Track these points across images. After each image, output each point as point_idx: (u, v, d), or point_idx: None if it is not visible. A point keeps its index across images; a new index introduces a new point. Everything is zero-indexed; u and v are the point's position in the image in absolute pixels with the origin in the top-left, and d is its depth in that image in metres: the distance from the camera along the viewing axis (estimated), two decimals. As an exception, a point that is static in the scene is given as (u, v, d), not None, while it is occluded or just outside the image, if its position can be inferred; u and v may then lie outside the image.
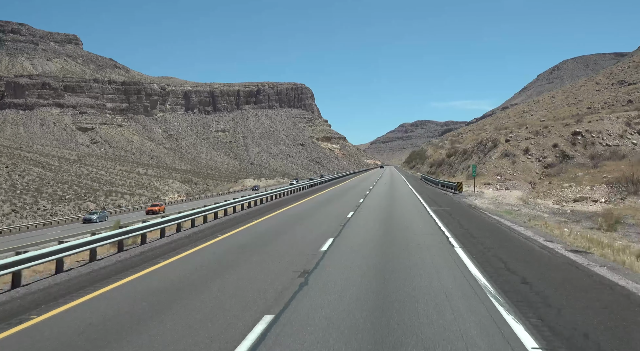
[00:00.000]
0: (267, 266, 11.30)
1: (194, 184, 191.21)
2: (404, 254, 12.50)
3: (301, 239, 15.71)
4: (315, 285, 9.32)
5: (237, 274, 10.68)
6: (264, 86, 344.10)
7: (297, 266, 11.16)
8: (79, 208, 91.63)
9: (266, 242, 15.41)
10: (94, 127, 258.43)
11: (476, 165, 45.14)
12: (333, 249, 13.50)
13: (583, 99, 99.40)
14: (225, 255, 13.19)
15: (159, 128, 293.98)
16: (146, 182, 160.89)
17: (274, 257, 12.50)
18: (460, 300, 8.10)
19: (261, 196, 34.40)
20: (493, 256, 12.15)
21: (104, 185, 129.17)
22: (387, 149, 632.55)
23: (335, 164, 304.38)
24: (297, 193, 45.75)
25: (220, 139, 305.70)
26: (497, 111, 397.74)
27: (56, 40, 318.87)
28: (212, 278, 10.31)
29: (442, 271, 10.43)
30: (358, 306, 7.82)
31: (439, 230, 17.46)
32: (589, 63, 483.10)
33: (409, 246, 13.85)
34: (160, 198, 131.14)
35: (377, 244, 14.47)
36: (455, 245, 13.90)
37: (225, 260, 12.42)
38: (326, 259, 12.02)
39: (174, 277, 10.57)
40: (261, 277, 10.18)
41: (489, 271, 10.36)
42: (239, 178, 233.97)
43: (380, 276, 10.04)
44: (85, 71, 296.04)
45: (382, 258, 12.10)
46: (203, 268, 11.51)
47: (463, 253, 12.58)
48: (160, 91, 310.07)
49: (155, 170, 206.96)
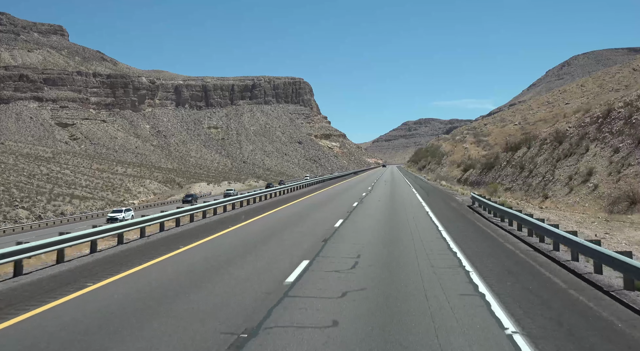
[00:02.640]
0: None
1: (177, 184, 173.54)
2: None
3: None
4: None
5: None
6: (259, 80, 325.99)
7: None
8: (4, 216, 73.71)
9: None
10: (74, 122, 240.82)
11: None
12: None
13: (629, 85, 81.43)
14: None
15: (146, 124, 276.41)
16: (118, 183, 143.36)
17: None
18: None
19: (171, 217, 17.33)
20: None
21: (61, 187, 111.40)
22: (390, 148, 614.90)
23: (334, 163, 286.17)
24: (253, 205, 30.52)
25: (212, 136, 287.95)
26: (504, 108, 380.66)
27: (40, 31, 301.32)
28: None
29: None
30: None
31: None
32: (601, 58, 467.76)
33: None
34: (126, 202, 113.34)
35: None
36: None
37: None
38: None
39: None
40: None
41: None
42: (229, 178, 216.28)
43: None
44: (69, 63, 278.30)
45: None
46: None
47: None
48: (149, 84, 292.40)
49: (136, 169, 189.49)
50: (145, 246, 15.35)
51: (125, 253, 14.08)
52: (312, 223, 20.30)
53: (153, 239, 16.93)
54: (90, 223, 50.52)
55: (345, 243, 14.98)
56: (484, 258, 12.47)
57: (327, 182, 69.70)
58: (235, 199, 29.18)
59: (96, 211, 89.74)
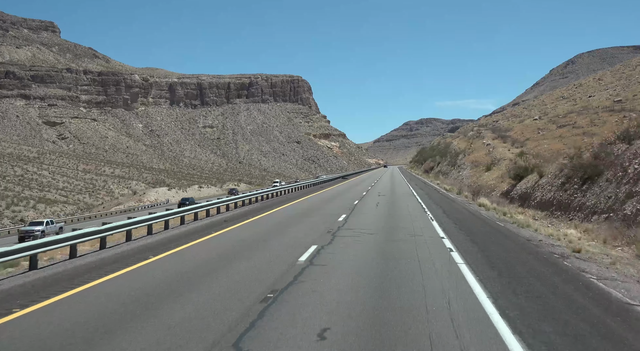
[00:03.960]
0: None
1: (167, 185, 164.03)
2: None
3: None
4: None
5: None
6: (257, 78, 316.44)
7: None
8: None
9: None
10: (63, 121, 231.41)
11: None
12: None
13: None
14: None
15: (139, 123, 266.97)
16: (100, 184, 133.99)
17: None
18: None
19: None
20: None
21: (32, 190, 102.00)
22: (391, 148, 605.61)
23: (333, 163, 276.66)
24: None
25: (208, 135, 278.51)
26: (507, 107, 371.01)
27: (30, 27, 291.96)
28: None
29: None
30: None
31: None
32: (606, 57, 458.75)
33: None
34: (104, 205, 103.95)
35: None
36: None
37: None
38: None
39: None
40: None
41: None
42: (224, 179, 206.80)
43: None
44: (60, 60, 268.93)
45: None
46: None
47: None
48: (143, 82, 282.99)
49: (124, 170, 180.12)
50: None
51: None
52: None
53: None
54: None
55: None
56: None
57: (302, 190, 49.64)
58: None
59: (67, 215, 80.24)
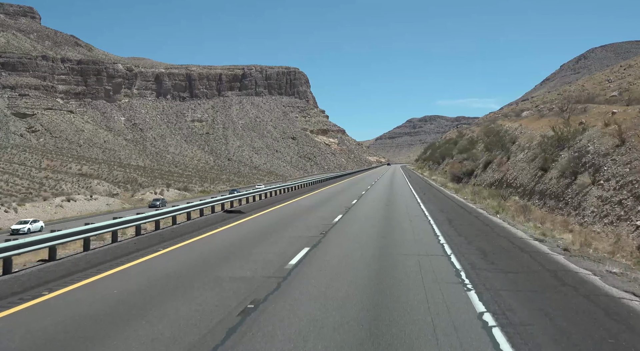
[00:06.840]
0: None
1: (138, 185, 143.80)
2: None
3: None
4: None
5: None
6: (250, 69, 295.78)
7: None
8: None
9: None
10: (34, 112, 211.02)
11: None
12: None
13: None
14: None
15: (121, 116, 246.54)
16: (51, 184, 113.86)
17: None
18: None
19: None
20: None
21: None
22: (394, 146, 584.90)
23: (330, 161, 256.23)
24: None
25: (196, 130, 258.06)
26: (513, 104, 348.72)
27: (7, 12, 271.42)
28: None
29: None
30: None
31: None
32: (620, 51, 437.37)
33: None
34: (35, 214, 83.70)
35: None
36: None
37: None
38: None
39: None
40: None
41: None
42: (212, 177, 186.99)
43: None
44: (36, 47, 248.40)
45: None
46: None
47: None
48: (126, 72, 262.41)
49: (93, 166, 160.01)
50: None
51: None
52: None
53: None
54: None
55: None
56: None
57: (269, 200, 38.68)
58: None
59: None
